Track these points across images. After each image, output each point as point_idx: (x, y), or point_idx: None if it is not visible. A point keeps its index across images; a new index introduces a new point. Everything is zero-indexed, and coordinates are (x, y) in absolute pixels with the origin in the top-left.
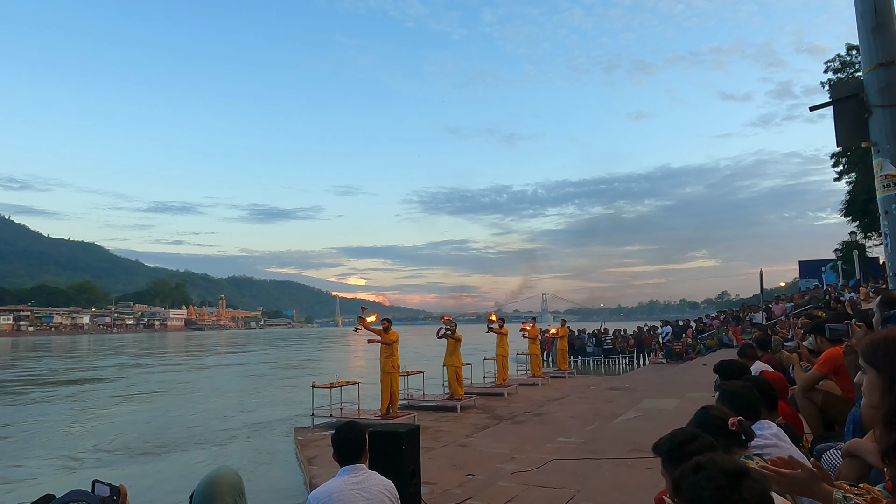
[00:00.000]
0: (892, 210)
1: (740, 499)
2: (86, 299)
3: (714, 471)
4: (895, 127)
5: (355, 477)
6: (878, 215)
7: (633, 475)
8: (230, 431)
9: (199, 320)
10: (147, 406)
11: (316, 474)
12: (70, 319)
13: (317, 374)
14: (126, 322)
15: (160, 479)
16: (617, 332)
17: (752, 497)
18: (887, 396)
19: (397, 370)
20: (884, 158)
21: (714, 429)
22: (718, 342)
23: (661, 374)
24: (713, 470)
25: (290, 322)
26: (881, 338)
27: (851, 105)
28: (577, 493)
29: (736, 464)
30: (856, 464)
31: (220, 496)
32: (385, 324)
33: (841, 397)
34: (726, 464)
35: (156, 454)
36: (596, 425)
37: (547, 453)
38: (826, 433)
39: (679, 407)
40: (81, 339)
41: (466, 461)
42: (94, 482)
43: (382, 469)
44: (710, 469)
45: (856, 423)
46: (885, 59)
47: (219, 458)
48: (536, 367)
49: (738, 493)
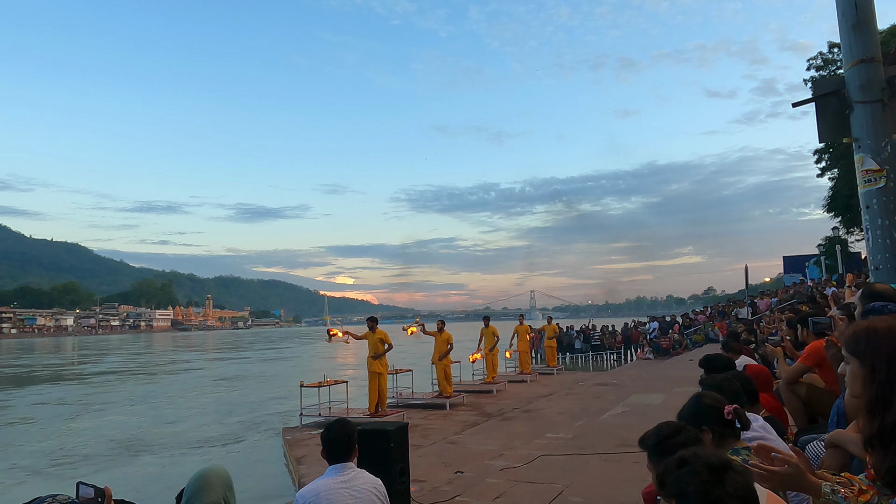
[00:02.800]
0: (874, 205)
1: (724, 493)
2: (70, 300)
3: (697, 465)
4: (876, 123)
5: (343, 475)
6: (860, 210)
7: (621, 470)
8: (218, 430)
9: (185, 321)
10: (136, 407)
11: (305, 473)
12: (54, 321)
13: (305, 374)
14: (111, 323)
15: (147, 479)
16: (605, 329)
17: (736, 490)
18: (869, 385)
19: (385, 368)
20: (865, 154)
21: (708, 417)
22: (705, 337)
23: (648, 369)
24: (696, 464)
25: (277, 322)
26: (863, 328)
27: (833, 101)
28: (566, 489)
29: (719, 457)
30: (838, 454)
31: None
32: (370, 323)
33: (824, 390)
34: (709, 458)
35: (141, 455)
36: (584, 421)
37: (535, 449)
38: (810, 425)
39: (666, 402)
40: (66, 341)
41: (455, 458)
42: (78, 484)
43: (371, 467)
44: (693, 463)
45: (839, 415)
46: (866, 55)
47: (207, 457)
48: (525, 364)
49: (722, 486)
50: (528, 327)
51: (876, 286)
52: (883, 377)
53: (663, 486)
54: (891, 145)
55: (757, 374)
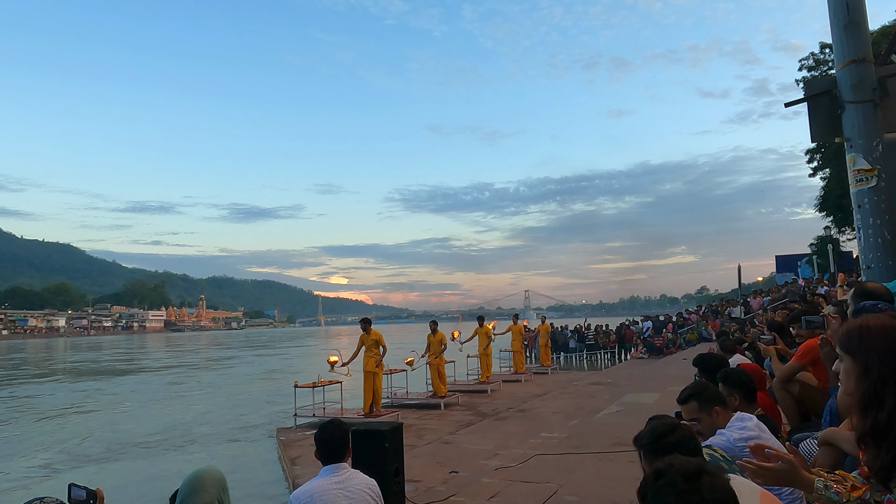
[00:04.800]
0: (865, 204)
1: (702, 499)
2: (61, 301)
3: (673, 475)
4: (867, 122)
5: (337, 476)
6: (852, 210)
7: (616, 469)
8: (212, 429)
9: (178, 321)
10: (131, 407)
11: (299, 474)
12: (45, 322)
13: (299, 374)
14: (103, 324)
15: (139, 481)
16: (599, 328)
17: (714, 494)
18: (861, 383)
19: (380, 369)
20: (856, 154)
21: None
22: (698, 336)
23: (642, 368)
24: (672, 474)
25: (271, 322)
26: (857, 325)
27: (825, 101)
28: (561, 488)
29: (693, 464)
30: (831, 452)
31: (204, 488)
32: (364, 324)
33: (817, 388)
34: (684, 466)
35: (134, 456)
36: (578, 420)
37: (530, 449)
38: (803, 424)
39: (660, 401)
40: (58, 342)
41: (450, 458)
42: (70, 486)
43: (365, 468)
44: (669, 474)
45: (832, 413)
46: (857, 55)
47: (201, 458)
48: (519, 364)
49: (700, 493)
50: (522, 327)
51: (868, 285)
52: (876, 375)
53: (644, 499)
54: (882, 145)
55: (751, 373)
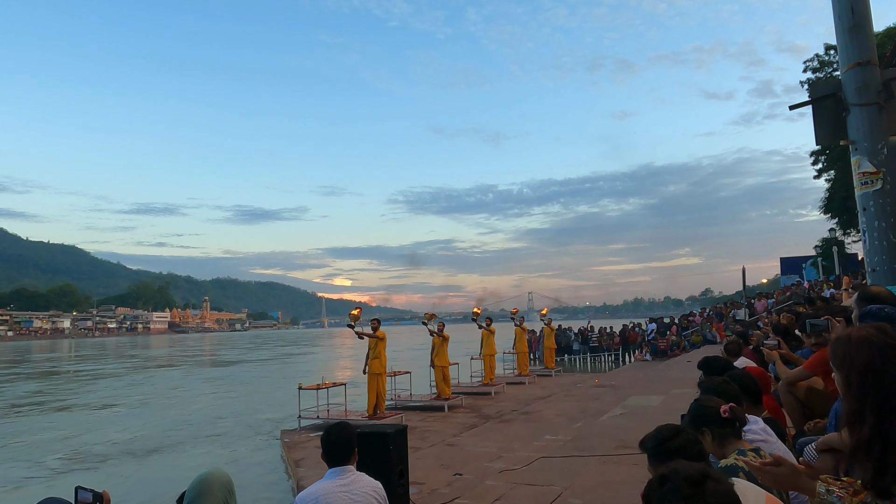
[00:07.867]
0: (870, 207)
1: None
2: (66, 303)
3: (677, 481)
4: (872, 125)
5: (343, 479)
6: (857, 212)
7: (620, 472)
8: (217, 430)
9: (182, 323)
10: (132, 409)
11: (303, 476)
12: (50, 323)
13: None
14: (108, 325)
15: (145, 482)
16: (602, 330)
17: (718, 499)
18: (846, 397)
19: (384, 370)
20: (861, 156)
21: (709, 419)
22: (702, 339)
23: (646, 371)
24: (676, 480)
25: (275, 324)
26: (841, 338)
27: (830, 104)
28: (565, 491)
29: (697, 469)
30: (830, 458)
31: (210, 492)
32: (374, 324)
33: (823, 391)
34: (688, 471)
35: (141, 457)
36: (582, 423)
37: (534, 451)
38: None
39: (664, 403)
40: (63, 343)
41: (454, 460)
42: (76, 488)
43: (370, 470)
44: (673, 479)
45: (838, 417)
46: (862, 58)
47: (206, 460)
48: (523, 366)
49: (704, 498)
50: (526, 328)
51: (872, 289)
52: (856, 390)
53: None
54: (887, 148)
55: (756, 376)
